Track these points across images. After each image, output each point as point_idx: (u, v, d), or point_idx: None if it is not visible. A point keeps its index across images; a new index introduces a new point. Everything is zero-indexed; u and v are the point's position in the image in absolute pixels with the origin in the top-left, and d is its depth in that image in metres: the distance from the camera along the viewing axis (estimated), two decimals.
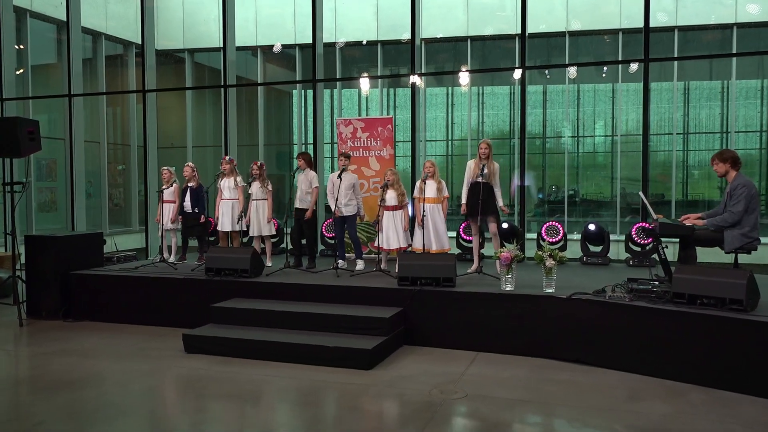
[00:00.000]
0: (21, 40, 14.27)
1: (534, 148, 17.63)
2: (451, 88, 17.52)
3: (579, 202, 16.78)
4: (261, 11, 17.06)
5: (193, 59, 17.47)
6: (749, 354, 4.83)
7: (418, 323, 6.35)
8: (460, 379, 5.29)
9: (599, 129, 16.85)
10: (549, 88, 17.14)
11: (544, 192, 17.07)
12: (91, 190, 16.37)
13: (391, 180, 7.38)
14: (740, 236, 5.67)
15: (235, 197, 8.04)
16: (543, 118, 17.20)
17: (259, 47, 17.06)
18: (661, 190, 15.89)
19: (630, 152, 16.41)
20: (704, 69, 15.75)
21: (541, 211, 16.86)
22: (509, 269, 6.23)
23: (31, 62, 14.34)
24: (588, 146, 17.09)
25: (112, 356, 6.04)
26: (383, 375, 5.40)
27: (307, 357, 5.70)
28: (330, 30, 16.74)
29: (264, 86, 17.17)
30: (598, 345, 5.66)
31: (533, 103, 17.40)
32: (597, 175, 16.97)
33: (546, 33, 15.44)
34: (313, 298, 6.70)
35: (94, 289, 7.55)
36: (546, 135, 17.21)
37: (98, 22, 15.94)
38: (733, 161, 5.77)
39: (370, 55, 16.87)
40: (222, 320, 6.46)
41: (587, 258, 8.22)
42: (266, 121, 17.49)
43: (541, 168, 17.50)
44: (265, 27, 17.09)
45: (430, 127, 17.72)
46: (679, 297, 5.36)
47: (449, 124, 17.88)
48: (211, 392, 5.05)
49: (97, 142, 15.86)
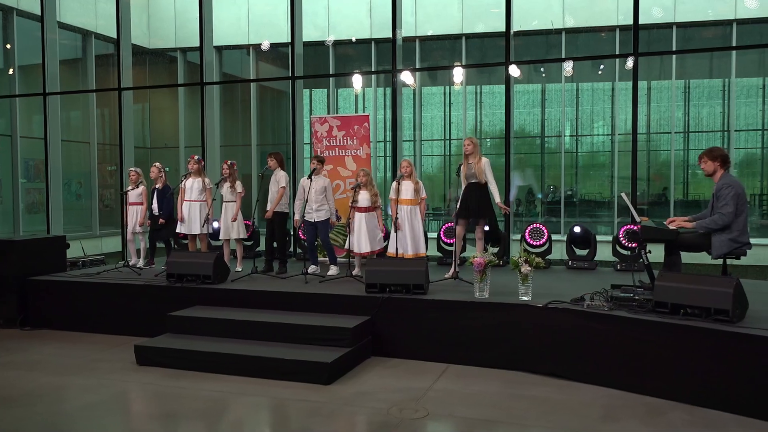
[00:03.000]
0: (8, 39, 14.01)
1: (535, 148, 17.26)
2: (448, 87, 17.17)
3: (577, 203, 16.38)
4: (254, 9, 16.77)
5: (186, 58, 17.17)
6: (735, 369, 4.43)
7: (387, 333, 5.97)
8: (424, 396, 4.91)
9: (598, 128, 16.45)
10: (548, 87, 16.76)
11: (542, 192, 16.69)
12: (81, 191, 16.11)
13: (364, 181, 7.00)
14: (728, 241, 5.26)
15: (203, 199, 7.67)
16: (542, 118, 16.83)
17: (252, 46, 16.76)
18: (661, 190, 15.46)
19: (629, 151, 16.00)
20: (704, 67, 15.32)
21: (537, 212, 16.45)
22: (483, 276, 5.84)
23: (19, 62, 14.07)
24: (587, 146, 16.70)
25: (58, 369, 5.68)
26: (342, 391, 5.03)
27: (263, 370, 5.34)
28: (323, 28, 16.45)
29: (258, 86, 16.85)
30: (574, 358, 5.26)
31: (532, 102, 17.04)
32: (596, 174, 16.57)
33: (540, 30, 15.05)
34: (277, 306, 6.33)
35: (52, 296, 7.21)
36: (545, 134, 16.84)
37: (88, 21, 15.66)
38: (723, 160, 5.35)
39: (364, 53, 16.54)
40: (179, 330, 6.10)
41: (573, 262, 7.81)
42: (261, 120, 17.17)
43: (539, 168, 17.13)
44: (258, 25, 16.81)
45: (428, 126, 17.38)
46: (661, 306, 4.96)
47: (447, 123, 17.53)
48: (148, 411, 4.70)
49: (87, 142, 15.59)
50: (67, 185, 15.40)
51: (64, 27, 14.95)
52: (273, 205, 7.40)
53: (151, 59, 17.62)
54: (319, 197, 7.24)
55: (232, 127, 17.62)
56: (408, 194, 6.92)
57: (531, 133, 17.16)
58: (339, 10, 16.36)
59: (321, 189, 7.27)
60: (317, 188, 7.24)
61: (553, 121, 16.50)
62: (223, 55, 17.36)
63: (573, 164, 16.47)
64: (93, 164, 15.53)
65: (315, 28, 16.40)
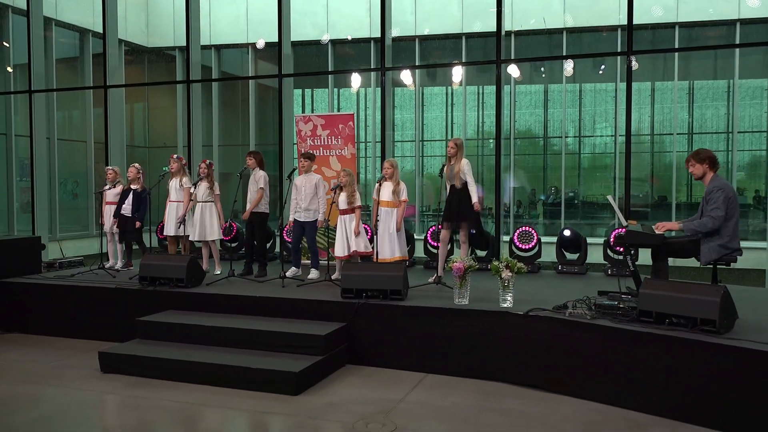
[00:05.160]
0: (4, 37, 13.90)
1: (538, 149, 17.00)
2: (449, 87, 16.94)
3: (579, 205, 16.09)
4: (252, 8, 16.61)
5: (185, 57, 17.02)
6: (722, 383, 4.16)
7: (363, 340, 5.74)
8: (395, 408, 4.67)
9: (600, 129, 16.17)
10: (550, 88, 16.50)
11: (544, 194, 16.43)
12: (77, 191, 15.99)
13: (344, 182, 6.75)
14: (718, 247, 4.99)
15: (180, 199, 7.46)
16: (544, 118, 16.58)
17: (250, 45, 16.60)
18: (662, 192, 15.16)
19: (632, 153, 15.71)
20: (709, 68, 15.00)
21: (537, 214, 16.18)
22: (463, 281, 5.60)
23: (16, 60, 13.96)
24: (590, 147, 16.43)
25: (19, 377, 5.47)
26: (309, 402, 4.79)
27: (230, 380, 5.11)
28: (322, 26, 16.25)
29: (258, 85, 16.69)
30: (554, 369, 5.01)
31: (534, 102, 16.79)
32: (600, 176, 16.28)
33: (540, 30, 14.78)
34: (251, 311, 6.10)
35: (23, 299, 7.01)
36: (547, 135, 16.58)
37: (86, 19, 15.52)
38: (711, 162, 5.08)
39: (363, 52, 16.33)
40: (148, 335, 5.89)
41: (562, 266, 7.54)
42: (260, 120, 16.99)
43: (542, 169, 16.87)
44: (256, 24, 16.65)
45: (429, 127, 17.15)
46: (646, 315, 4.70)
47: (449, 123, 17.30)
48: (101, 423, 4.49)
49: (84, 141, 15.47)
50: (63, 184, 15.30)
51: (62, 25, 14.86)
52: (251, 206, 7.17)
53: (149, 58, 17.50)
54: (309, 196, 7.00)
55: (232, 126, 17.48)
56: (386, 196, 6.68)
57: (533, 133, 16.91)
58: (338, 9, 16.16)
59: (312, 187, 7.03)
60: (308, 187, 7.00)
61: (556, 122, 16.24)
62: (222, 54, 17.22)
63: (576, 165, 16.21)
64: (90, 163, 15.39)
65: (314, 26, 16.21)
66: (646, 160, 15.69)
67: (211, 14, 16.86)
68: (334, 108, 16.61)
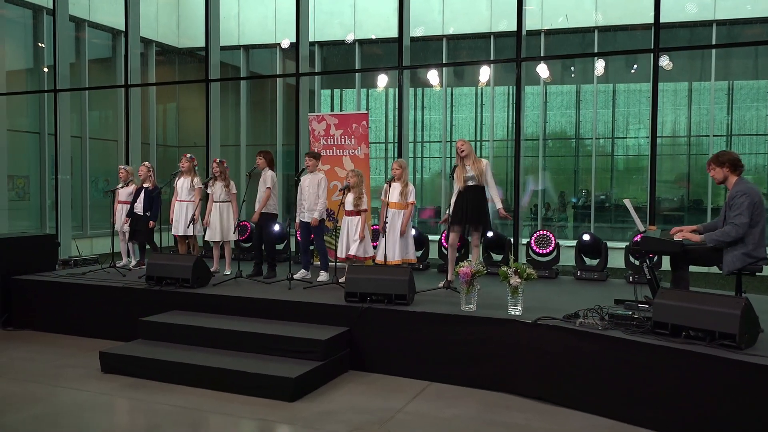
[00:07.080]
0: (39, 38, 14.16)
1: (569, 150, 16.60)
2: (478, 88, 16.66)
3: (612, 208, 15.63)
4: (280, 8, 16.62)
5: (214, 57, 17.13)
6: (740, 402, 3.86)
7: (367, 346, 5.56)
8: (392, 419, 4.49)
9: (634, 131, 15.69)
10: (582, 88, 16.09)
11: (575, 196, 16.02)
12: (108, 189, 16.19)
13: (352, 182, 6.58)
14: (742, 256, 4.66)
15: (191, 199, 7.39)
16: (576, 119, 16.17)
17: (278, 45, 16.63)
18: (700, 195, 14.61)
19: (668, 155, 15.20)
20: (749, 68, 14.40)
21: (566, 216, 15.77)
22: (470, 287, 5.38)
23: (49, 61, 14.19)
24: (623, 149, 15.97)
25: (19, 375, 5.45)
26: (304, 410, 4.64)
27: (227, 384, 4.99)
28: (349, 26, 16.16)
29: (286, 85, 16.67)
30: (562, 381, 4.75)
31: (566, 103, 16.40)
32: (637, 179, 15.80)
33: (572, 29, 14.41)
34: (255, 314, 5.99)
35: (35, 296, 7.03)
36: (579, 136, 16.17)
37: (118, 20, 15.70)
38: (732, 165, 4.75)
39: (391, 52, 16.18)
40: (150, 336, 5.82)
41: (581, 272, 7.24)
42: (287, 120, 16.98)
43: (573, 171, 16.46)
44: (284, 24, 16.64)
45: (458, 127, 16.90)
46: (660, 327, 4.42)
47: (478, 124, 17.02)
48: (91, 424, 4.39)
49: (115, 140, 15.67)
50: (94, 182, 15.52)
51: (95, 26, 15.07)
52: (259, 207, 7.05)
53: (180, 58, 17.64)
54: (313, 196, 6.87)
55: (260, 126, 17.51)
56: (394, 197, 6.49)
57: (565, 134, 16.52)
58: (365, 8, 16.04)
59: (316, 186, 6.90)
60: (312, 186, 6.87)
61: (588, 123, 15.83)
62: (251, 55, 17.26)
63: (609, 168, 15.76)
64: (120, 162, 15.59)
65: (341, 26, 16.13)
66: (683, 162, 15.17)
67: (240, 15, 16.93)
68: (362, 108, 16.47)
